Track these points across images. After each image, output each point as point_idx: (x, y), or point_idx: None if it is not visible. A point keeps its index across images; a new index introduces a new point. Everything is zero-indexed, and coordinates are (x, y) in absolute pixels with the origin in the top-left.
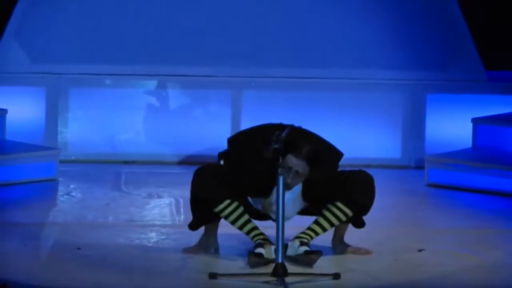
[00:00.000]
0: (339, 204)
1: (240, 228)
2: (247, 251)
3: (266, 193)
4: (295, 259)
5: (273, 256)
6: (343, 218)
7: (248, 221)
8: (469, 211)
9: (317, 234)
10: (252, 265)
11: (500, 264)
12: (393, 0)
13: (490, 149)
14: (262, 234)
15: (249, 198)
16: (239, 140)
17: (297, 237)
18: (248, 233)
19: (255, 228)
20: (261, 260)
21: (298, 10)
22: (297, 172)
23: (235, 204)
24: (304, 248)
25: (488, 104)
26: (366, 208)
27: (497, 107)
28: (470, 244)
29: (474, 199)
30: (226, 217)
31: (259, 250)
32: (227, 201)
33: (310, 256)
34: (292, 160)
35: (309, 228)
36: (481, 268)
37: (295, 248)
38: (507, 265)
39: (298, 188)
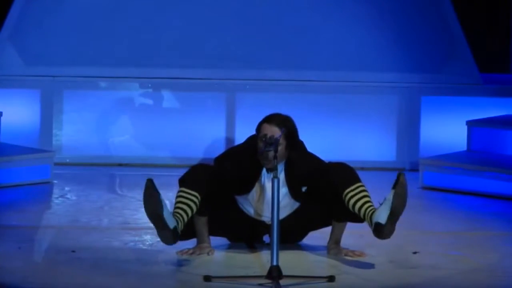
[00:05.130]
0: (347, 190)
1: (176, 207)
2: (241, 255)
3: (252, 184)
4: (392, 219)
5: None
6: (361, 188)
7: (186, 208)
8: (463, 213)
9: (369, 203)
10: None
11: (495, 266)
12: (388, 3)
13: (484, 151)
14: (181, 215)
15: (240, 204)
16: (225, 153)
17: (370, 213)
18: (176, 207)
19: (184, 211)
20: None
21: (292, 13)
22: (272, 136)
23: (196, 200)
24: (386, 204)
25: (482, 107)
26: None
27: (492, 110)
28: (465, 246)
29: (468, 201)
30: (177, 199)
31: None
32: (195, 193)
33: (399, 201)
34: (266, 127)
35: (363, 207)
36: (476, 270)
37: (382, 212)
38: (502, 268)
39: (281, 175)
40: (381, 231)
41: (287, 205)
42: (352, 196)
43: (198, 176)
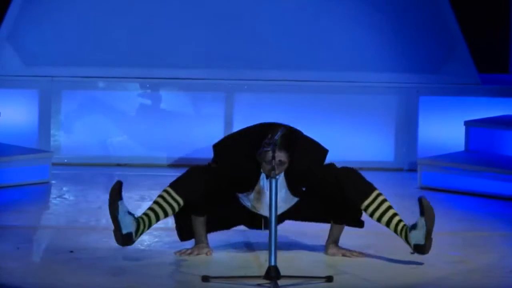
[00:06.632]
0: (366, 203)
1: (150, 208)
2: (239, 255)
3: (251, 186)
4: (429, 236)
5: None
6: (380, 198)
7: (159, 212)
8: (462, 214)
9: (400, 220)
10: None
11: (493, 267)
12: (387, 3)
13: (482, 152)
14: (149, 217)
15: (239, 198)
16: (225, 145)
17: (402, 232)
18: (150, 207)
19: (155, 214)
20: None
21: (291, 13)
22: (279, 161)
23: (176, 206)
24: (421, 225)
25: (480, 107)
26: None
27: (490, 110)
28: (463, 246)
29: (467, 202)
30: (157, 198)
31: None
32: (179, 198)
33: (431, 222)
34: (270, 154)
35: (392, 222)
36: (475, 271)
37: (418, 234)
38: (500, 268)
39: (280, 176)
40: (423, 249)
41: (286, 201)
42: (375, 210)
43: (192, 181)
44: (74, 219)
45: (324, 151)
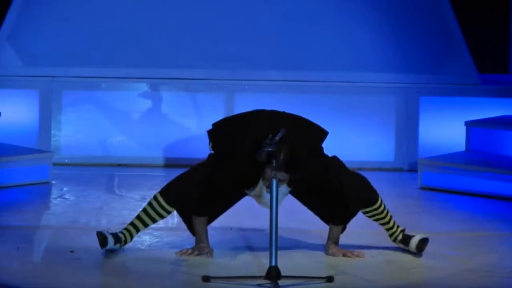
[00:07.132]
0: (367, 209)
1: (138, 219)
2: (240, 255)
3: (252, 186)
4: (421, 248)
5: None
6: (380, 209)
7: (147, 221)
8: (462, 214)
9: (392, 226)
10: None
11: (493, 267)
12: (387, 3)
13: (483, 152)
14: (137, 226)
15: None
16: (224, 125)
17: (399, 241)
18: (138, 216)
19: (143, 223)
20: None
21: (291, 13)
22: (279, 179)
23: (166, 215)
24: (418, 237)
25: (481, 107)
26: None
27: (490, 110)
28: (463, 247)
29: (467, 202)
30: (147, 206)
31: (110, 235)
32: (170, 209)
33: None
34: (269, 172)
35: (388, 224)
36: (474, 271)
37: (414, 243)
38: (500, 268)
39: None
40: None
41: (284, 196)
42: (374, 215)
43: (185, 188)
44: (75, 219)
45: (324, 132)
